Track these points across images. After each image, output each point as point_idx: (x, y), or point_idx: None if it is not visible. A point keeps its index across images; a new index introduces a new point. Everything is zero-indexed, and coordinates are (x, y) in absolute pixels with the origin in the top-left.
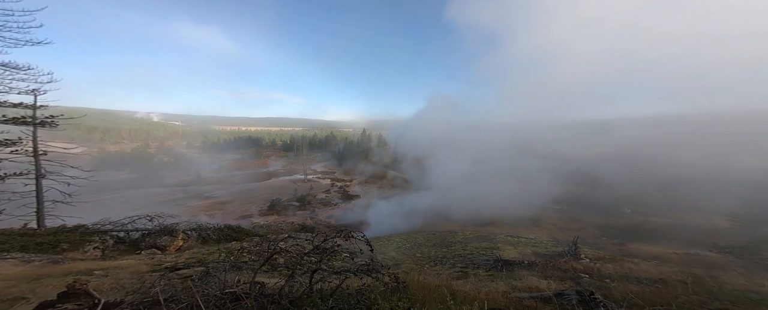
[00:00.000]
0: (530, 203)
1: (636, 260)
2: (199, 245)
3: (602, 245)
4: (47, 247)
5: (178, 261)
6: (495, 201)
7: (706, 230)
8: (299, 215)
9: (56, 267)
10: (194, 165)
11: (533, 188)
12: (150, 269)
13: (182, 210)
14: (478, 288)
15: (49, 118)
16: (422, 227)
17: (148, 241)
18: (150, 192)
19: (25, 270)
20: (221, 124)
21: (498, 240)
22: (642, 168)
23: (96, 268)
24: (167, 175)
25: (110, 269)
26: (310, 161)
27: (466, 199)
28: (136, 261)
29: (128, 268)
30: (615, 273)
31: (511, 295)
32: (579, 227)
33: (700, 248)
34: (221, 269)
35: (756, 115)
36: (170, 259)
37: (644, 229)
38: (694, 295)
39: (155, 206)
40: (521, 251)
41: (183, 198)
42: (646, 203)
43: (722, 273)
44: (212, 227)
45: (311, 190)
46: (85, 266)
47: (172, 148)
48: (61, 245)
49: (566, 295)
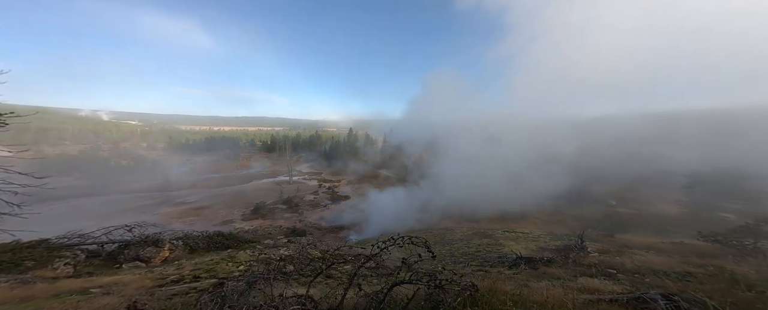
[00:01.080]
0: (519, 199)
1: (641, 252)
2: (187, 255)
3: (594, 238)
4: (9, 266)
5: (183, 273)
6: (484, 198)
7: (664, 217)
8: (287, 217)
9: (42, 288)
10: (160, 168)
11: (522, 184)
12: (155, 284)
13: (151, 218)
14: (534, 291)
15: None
16: (417, 225)
17: (129, 253)
18: (109, 200)
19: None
20: (189, 124)
21: (497, 236)
22: (622, 163)
23: (90, 286)
24: (127, 180)
25: (108, 286)
26: (295, 162)
27: (458, 196)
28: (134, 276)
29: (130, 283)
30: (637, 267)
31: (580, 299)
32: (559, 219)
33: (683, 237)
34: (253, 281)
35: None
36: (171, 271)
37: (616, 219)
38: (745, 292)
39: (118, 215)
40: (525, 245)
41: (150, 205)
42: (622, 196)
43: (725, 262)
44: (200, 235)
45: (298, 191)
46: (77, 285)
47: (131, 151)
48: (24, 263)
49: (649, 299)
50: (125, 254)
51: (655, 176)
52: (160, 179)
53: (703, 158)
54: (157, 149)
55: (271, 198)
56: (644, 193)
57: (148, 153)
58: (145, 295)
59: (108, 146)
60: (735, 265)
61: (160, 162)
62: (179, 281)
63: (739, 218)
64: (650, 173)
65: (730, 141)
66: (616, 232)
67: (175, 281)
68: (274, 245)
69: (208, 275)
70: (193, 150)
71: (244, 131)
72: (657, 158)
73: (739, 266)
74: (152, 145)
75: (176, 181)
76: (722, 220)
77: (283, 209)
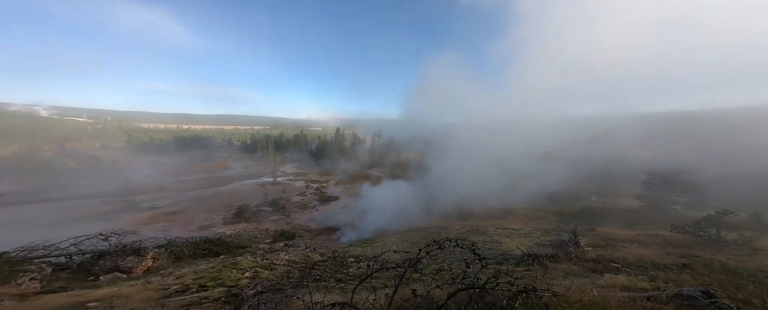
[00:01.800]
0: (500, 196)
1: (627, 245)
2: (171, 263)
3: (579, 232)
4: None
5: (185, 282)
6: (471, 196)
7: (630, 210)
8: (273, 220)
9: (12, 306)
10: (119, 171)
11: (507, 182)
12: (160, 295)
13: (114, 225)
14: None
15: None
16: (410, 225)
17: (105, 264)
18: (59, 206)
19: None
20: (153, 122)
21: (491, 233)
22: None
23: (83, 300)
24: (81, 184)
25: (106, 299)
26: (280, 162)
27: (447, 195)
28: (133, 288)
29: (133, 295)
30: (637, 261)
31: (619, 297)
32: (541, 215)
33: (656, 229)
34: (283, 288)
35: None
36: (171, 281)
37: (590, 214)
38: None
39: (74, 224)
40: (520, 242)
41: (111, 211)
42: (593, 192)
43: (703, 252)
44: (185, 241)
45: (284, 193)
46: (64, 300)
47: (80, 151)
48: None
49: (687, 295)
50: (100, 265)
51: (620, 173)
52: (120, 182)
53: (657, 156)
54: (114, 149)
55: (254, 200)
56: (610, 188)
57: (104, 153)
58: (155, 307)
59: (50, 146)
60: (716, 255)
61: (118, 163)
62: (185, 291)
63: (686, 209)
64: (616, 170)
65: (684, 141)
66: (595, 226)
67: (180, 291)
68: (271, 250)
69: (214, 284)
70: (160, 150)
71: (220, 130)
72: (623, 156)
73: (721, 256)
74: (107, 145)
75: (141, 184)
76: (675, 211)
77: (268, 212)
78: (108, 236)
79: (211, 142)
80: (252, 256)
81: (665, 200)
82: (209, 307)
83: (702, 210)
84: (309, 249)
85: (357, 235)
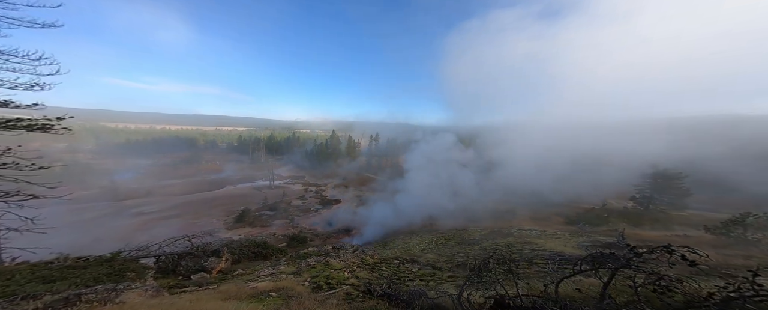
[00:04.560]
0: (504, 199)
1: (683, 249)
2: (230, 266)
3: (596, 232)
4: (114, 277)
5: (302, 280)
6: (471, 198)
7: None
8: (277, 224)
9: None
10: (97, 175)
11: (515, 184)
12: (307, 290)
13: (107, 232)
14: None
15: (52, 120)
16: (419, 227)
17: (187, 264)
18: (35, 213)
19: (165, 301)
20: (120, 121)
21: (521, 235)
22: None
23: (263, 290)
24: (56, 190)
25: (277, 290)
26: (273, 165)
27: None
28: (287, 281)
29: (293, 288)
30: (744, 265)
31: None
32: (544, 216)
33: (681, 230)
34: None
35: None
36: (303, 278)
37: (592, 215)
38: None
39: (64, 230)
40: (562, 243)
41: (99, 217)
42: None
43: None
44: (239, 244)
45: (284, 196)
46: (236, 290)
47: (47, 153)
48: (126, 274)
49: None
50: (184, 265)
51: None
52: (101, 187)
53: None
54: (84, 152)
55: (254, 204)
56: (604, 191)
57: (72, 156)
58: (314, 300)
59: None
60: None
61: (93, 167)
62: (319, 288)
63: (677, 209)
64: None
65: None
66: (613, 227)
67: (316, 287)
68: (325, 253)
69: (335, 282)
70: (137, 152)
71: (199, 131)
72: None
73: None
74: (75, 147)
75: (126, 188)
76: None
77: (270, 216)
78: (192, 238)
79: (194, 144)
80: (319, 257)
81: (656, 202)
82: (370, 303)
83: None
84: (358, 251)
85: (368, 238)
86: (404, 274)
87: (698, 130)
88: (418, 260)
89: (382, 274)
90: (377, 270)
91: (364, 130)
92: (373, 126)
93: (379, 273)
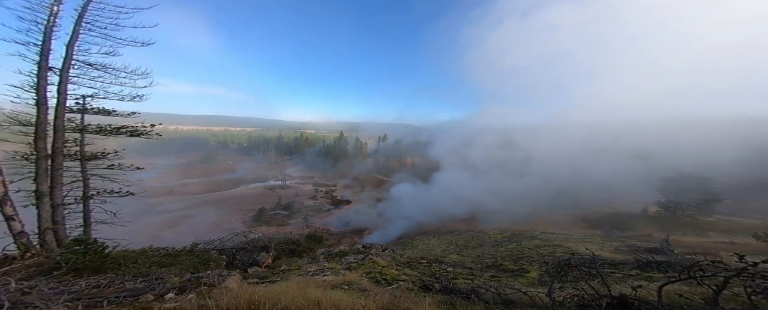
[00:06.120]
0: (520, 201)
1: (727, 255)
2: (271, 262)
3: (623, 238)
4: (203, 265)
5: (372, 277)
6: (485, 200)
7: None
8: (293, 224)
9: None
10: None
11: (525, 186)
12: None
13: (137, 228)
14: None
15: (147, 126)
16: (433, 228)
17: (241, 258)
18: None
19: (261, 288)
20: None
21: (546, 238)
22: None
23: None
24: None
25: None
26: (282, 166)
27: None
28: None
29: (359, 281)
30: None
31: None
32: (563, 219)
33: (728, 237)
34: None
35: None
36: (361, 273)
37: (616, 219)
38: None
39: (100, 227)
40: (597, 247)
41: (128, 213)
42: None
43: None
44: (278, 241)
45: (297, 196)
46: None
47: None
48: (209, 263)
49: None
50: (239, 259)
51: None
52: (129, 185)
53: None
54: None
55: (269, 204)
56: (621, 193)
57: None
58: (386, 292)
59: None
60: None
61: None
62: (378, 282)
63: (704, 214)
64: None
65: None
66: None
67: (379, 282)
68: (358, 251)
69: (389, 278)
70: (155, 152)
71: (210, 131)
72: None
73: None
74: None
75: (148, 187)
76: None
77: (285, 215)
78: (247, 234)
79: (206, 145)
80: (359, 255)
81: (684, 207)
82: (439, 297)
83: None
84: (388, 250)
85: (382, 238)
86: (443, 273)
87: None
88: (445, 260)
89: (423, 271)
90: (415, 268)
91: (371, 131)
92: (379, 127)
93: (422, 271)
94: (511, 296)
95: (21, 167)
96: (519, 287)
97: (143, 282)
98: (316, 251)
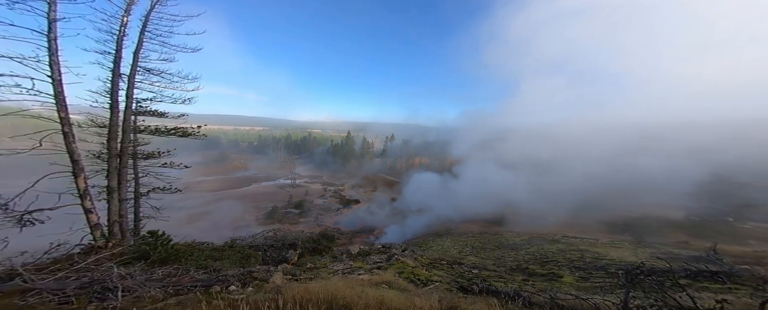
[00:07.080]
0: (532, 202)
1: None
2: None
3: (652, 243)
4: (245, 261)
5: (409, 276)
6: (502, 201)
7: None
8: (304, 222)
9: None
10: None
11: (543, 187)
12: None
13: (158, 224)
14: None
15: (195, 128)
16: (445, 229)
17: (271, 255)
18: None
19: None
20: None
21: (571, 242)
22: None
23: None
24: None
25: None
26: (291, 165)
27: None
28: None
29: (396, 281)
30: None
31: None
32: (584, 222)
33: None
34: None
35: None
36: (395, 273)
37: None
38: None
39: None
40: (631, 253)
41: (149, 209)
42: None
43: None
44: (302, 239)
45: (307, 195)
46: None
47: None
48: (250, 259)
49: None
50: (269, 256)
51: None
52: (150, 182)
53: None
54: None
55: (280, 202)
56: (645, 199)
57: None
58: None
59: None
60: None
61: None
62: (413, 282)
63: (739, 221)
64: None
65: None
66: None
67: (411, 281)
68: (378, 251)
69: (424, 279)
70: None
71: (221, 130)
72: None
73: None
74: None
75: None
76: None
77: (296, 214)
78: (276, 232)
79: (218, 143)
80: (383, 255)
81: (716, 213)
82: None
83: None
84: (408, 251)
85: (392, 238)
86: (469, 274)
87: None
88: (463, 262)
89: (449, 273)
90: (440, 269)
91: (379, 131)
92: (388, 127)
93: (447, 272)
94: (569, 302)
95: (94, 165)
96: (577, 294)
97: (204, 274)
98: (334, 249)
